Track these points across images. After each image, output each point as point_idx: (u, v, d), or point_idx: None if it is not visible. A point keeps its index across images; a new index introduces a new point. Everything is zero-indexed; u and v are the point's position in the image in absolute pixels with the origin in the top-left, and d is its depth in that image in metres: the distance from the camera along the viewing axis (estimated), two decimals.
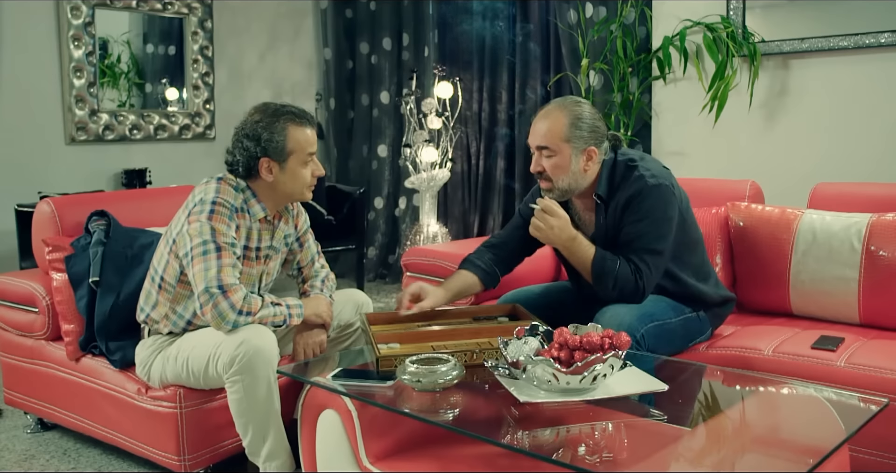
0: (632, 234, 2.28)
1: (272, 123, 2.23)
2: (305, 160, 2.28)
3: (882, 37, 3.33)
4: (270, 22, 5.38)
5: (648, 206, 2.27)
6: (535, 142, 2.33)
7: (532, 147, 2.35)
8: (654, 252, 2.27)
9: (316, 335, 2.35)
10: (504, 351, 1.87)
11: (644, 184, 2.28)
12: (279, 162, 2.25)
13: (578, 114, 2.29)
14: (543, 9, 4.73)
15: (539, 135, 2.31)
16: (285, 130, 2.23)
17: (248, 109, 2.30)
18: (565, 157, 2.29)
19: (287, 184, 2.28)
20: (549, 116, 2.31)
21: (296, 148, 2.25)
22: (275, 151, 2.23)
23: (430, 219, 4.91)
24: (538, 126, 2.32)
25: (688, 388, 2.03)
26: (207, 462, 2.38)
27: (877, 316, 2.55)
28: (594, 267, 2.28)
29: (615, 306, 2.27)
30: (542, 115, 2.33)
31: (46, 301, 2.66)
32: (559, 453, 1.62)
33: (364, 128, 5.61)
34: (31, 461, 2.65)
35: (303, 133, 2.26)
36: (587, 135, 2.29)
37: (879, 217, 2.58)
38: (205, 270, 2.15)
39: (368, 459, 1.87)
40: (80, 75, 4.41)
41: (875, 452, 2.11)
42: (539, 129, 2.31)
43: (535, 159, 2.35)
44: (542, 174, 2.35)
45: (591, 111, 2.33)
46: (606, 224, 2.34)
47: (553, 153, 2.30)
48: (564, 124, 2.28)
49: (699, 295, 2.43)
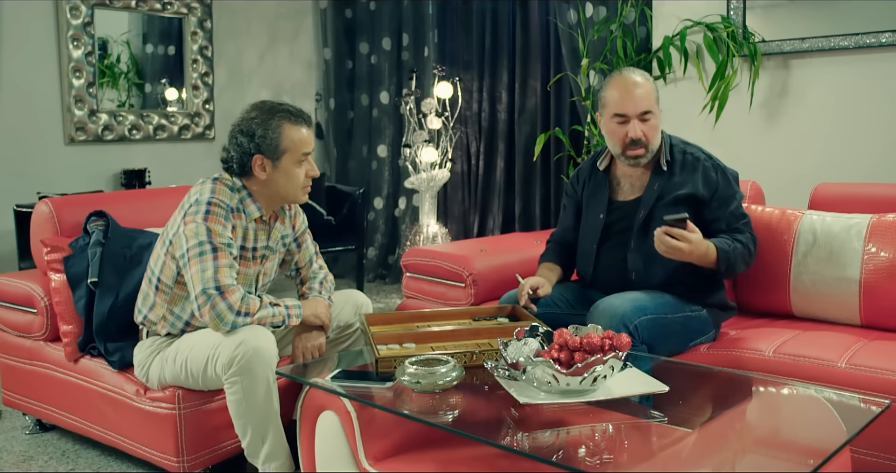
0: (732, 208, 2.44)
1: (267, 120, 2.23)
2: (299, 159, 2.27)
3: (883, 36, 3.32)
4: (270, 22, 5.37)
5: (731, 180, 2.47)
6: (640, 108, 2.39)
7: (631, 115, 2.40)
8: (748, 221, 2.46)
9: (315, 337, 2.35)
10: (504, 352, 1.86)
11: (714, 164, 2.47)
12: (272, 160, 2.24)
13: (648, 76, 2.46)
14: (543, 9, 4.72)
15: (643, 99, 2.40)
16: (280, 128, 2.23)
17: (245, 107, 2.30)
18: (657, 118, 2.44)
19: (280, 183, 2.27)
20: (641, 84, 2.41)
21: (290, 146, 2.24)
22: (268, 148, 2.22)
23: (429, 219, 4.91)
24: (638, 92, 2.39)
25: (688, 389, 2.02)
26: (206, 463, 2.38)
27: (878, 317, 2.54)
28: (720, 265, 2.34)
29: (610, 298, 2.31)
30: (632, 85, 2.40)
31: (45, 301, 2.65)
32: (559, 455, 1.62)
33: (364, 128, 5.60)
34: (30, 462, 2.64)
35: (298, 132, 2.25)
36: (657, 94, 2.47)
37: (880, 217, 2.57)
38: (201, 271, 2.15)
39: (367, 460, 1.87)
40: (79, 75, 4.41)
41: (876, 453, 2.11)
42: (641, 95, 2.39)
43: (632, 127, 2.40)
44: (637, 142, 2.41)
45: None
46: (661, 189, 2.44)
47: (652, 115, 2.41)
48: (652, 87, 2.43)
49: (710, 291, 2.46)
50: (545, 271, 2.60)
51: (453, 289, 3.06)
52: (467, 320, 2.44)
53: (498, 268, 3.06)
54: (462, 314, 2.47)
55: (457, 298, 3.04)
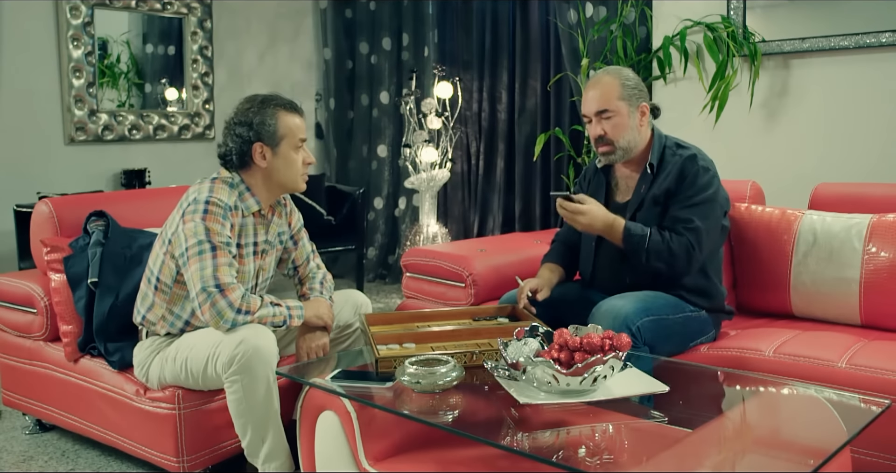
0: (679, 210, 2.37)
1: (263, 109, 2.28)
2: (297, 145, 2.32)
3: (883, 36, 3.32)
4: (270, 22, 5.37)
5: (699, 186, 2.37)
6: (593, 108, 2.42)
7: (588, 115, 2.44)
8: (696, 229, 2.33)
9: (318, 338, 2.35)
10: (504, 352, 1.86)
11: (697, 166, 2.39)
12: (272, 146, 2.28)
13: (625, 74, 2.44)
14: (543, 9, 4.72)
15: (595, 100, 2.41)
16: (276, 115, 2.28)
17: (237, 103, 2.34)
18: (623, 116, 2.40)
19: (281, 170, 2.30)
20: (599, 82, 2.43)
21: (287, 133, 2.29)
22: (267, 135, 2.27)
23: (429, 219, 4.90)
24: (591, 94, 2.43)
25: (688, 389, 2.02)
26: (206, 463, 2.37)
27: (878, 317, 2.54)
28: (625, 245, 2.35)
29: (612, 299, 2.31)
30: (591, 85, 2.44)
31: (45, 302, 2.65)
32: (559, 455, 1.62)
33: (364, 128, 5.60)
34: (30, 462, 2.64)
35: (293, 119, 2.31)
36: (637, 92, 2.43)
37: (880, 217, 2.57)
38: (200, 270, 2.15)
39: (367, 460, 1.87)
40: (79, 75, 4.41)
41: (877, 453, 2.10)
42: (593, 96, 2.42)
43: (592, 126, 2.44)
44: (602, 138, 2.43)
45: (633, 72, 2.47)
46: (648, 193, 2.42)
47: (613, 113, 2.40)
48: (616, 84, 2.41)
49: (710, 294, 2.45)
50: (546, 272, 2.58)
51: (453, 289, 3.06)
52: (467, 320, 2.43)
53: (498, 268, 3.06)
54: (462, 314, 2.47)
55: (457, 298, 3.04)
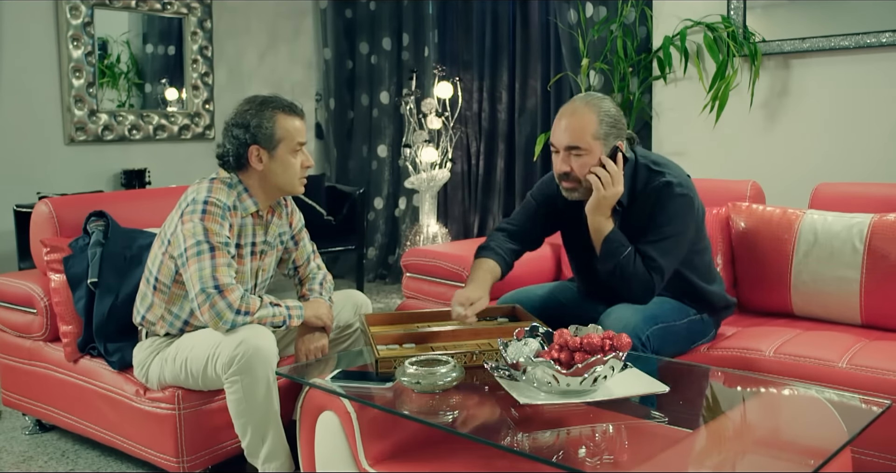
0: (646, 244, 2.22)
1: (261, 111, 2.25)
2: (295, 148, 2.28)
3: (883, 36, 3.32)
4: (270, 22, 5.37)
5: (670, 215, 2.22)
6: (564, 142, 2.20)
7: (558, 147, 2.23)
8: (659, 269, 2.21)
9: (318, 339, 2.35)
10: (504, 352, 1.86)
11: (671, 193, 2.22)
12: (268, 149, 2.25)
13: (606, 109, 2.20)
14: (543, 9, 4.72)
15: (568, 134, 2.19)
16: (274, 117, 2.25)
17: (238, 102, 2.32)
18: (595, 156, 2.19)
19: (278, 173, 2.28)
20: (577, 114, 2.19)
21: (285, 136, 2.26)
22: (264, 138, 2.24)
23: (429, 219, 4.90)
24: (564, 123, 2.20)
25: (689, 390, 2.02)
26: (206, 463, 2.37)
27: (879, 317, 2.54)
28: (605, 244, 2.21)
29: (620, 307, 2.25)
30: (567, 113, 2.21)
31: (44, 302, 2.65)
32: (559, 455, 1.61)
33: (364, 128, 5.60)
34: (30, 462, 2.64)
35: (291, 122, 2.27)
36: (615, 131, 2.21)
37: (881, 217, 2.57)
38: (199, 270, 2.14)
39: (367, 461, 1.86)
40: (79, 75, 4.40)
41: (877, 453, 2.11)
42: (566, 128, 2.19)
43: (561, 159, 2.23)
44: (567, 175, 2.23)
45: (614, 105, 2.24)
46: (624, 228, 2.27)
47: (584, 152, 2.18)
48: (593, 121, 2.17)
49: (705, 297, 2.42)
50: (481, 273, 2.35)
51: (453, 289, 3.04)
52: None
53: None
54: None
55: None
